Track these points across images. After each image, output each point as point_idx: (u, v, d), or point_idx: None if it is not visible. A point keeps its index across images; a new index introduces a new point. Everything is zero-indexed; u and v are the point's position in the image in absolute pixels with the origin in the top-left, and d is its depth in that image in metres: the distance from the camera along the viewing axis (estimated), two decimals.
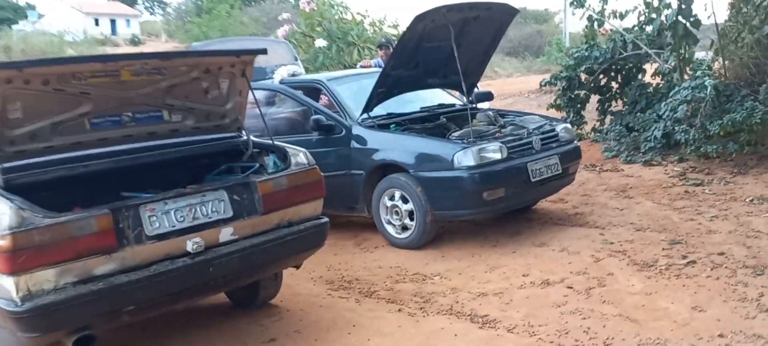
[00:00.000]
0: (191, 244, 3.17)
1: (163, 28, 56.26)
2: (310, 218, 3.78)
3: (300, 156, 3.81)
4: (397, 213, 5.62)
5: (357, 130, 5.83)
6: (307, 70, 12.33)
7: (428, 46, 5.69)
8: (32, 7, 59.90)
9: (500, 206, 5.51)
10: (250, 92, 3.96)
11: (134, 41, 48.48)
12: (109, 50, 37.56)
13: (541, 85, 10.70)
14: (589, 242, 5.35)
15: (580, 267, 4.81)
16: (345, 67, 11.20)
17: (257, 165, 3.91)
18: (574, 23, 17.46)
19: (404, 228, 5.62)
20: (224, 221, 3.34)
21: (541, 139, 5.73)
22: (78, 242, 2.83)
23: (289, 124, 6.27)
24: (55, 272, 2.78)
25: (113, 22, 61.68)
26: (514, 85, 21.28)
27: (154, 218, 3.11)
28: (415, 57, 5.85)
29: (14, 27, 46.19)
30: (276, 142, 3.93)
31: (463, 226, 6.07)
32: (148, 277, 3.00)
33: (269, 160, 3.93)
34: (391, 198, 5.63)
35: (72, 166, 3.32)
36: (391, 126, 5.89)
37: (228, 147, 3.99)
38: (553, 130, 5.99)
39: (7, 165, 3.12)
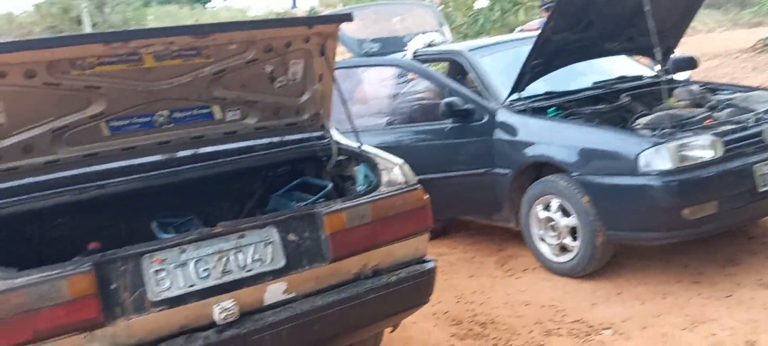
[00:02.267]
0: (219, 311, 2.14)
1: None
2: (408, 262, 2.58)
3: (394, 171, 2.60)
4: (553, 229, 4.20)
5: (503, 115, 4.45)
6: (465, 37, 11.04)
7: None
8: None
9: (708, 228, 3.81)
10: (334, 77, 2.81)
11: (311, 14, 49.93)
12: None
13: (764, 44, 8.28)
14: None
15: None
16: (510, 32, 9.66)
17: (329, 186, 2.76)
18: None
19: (563, 249, 4.18)
20: (273, 274, 2.26)
21: None
22: (40, 316, 1.92)
23: (418, 109, 5.06)
24: None
25: None
26: (716, 44, 17.81)
27: (164, 273, 2.12)
28: (587, 14, 4.29)
29: (207, 5, 49.95)
30: (365, 149, 2.75)
31: (649, 248, 4.45)
32: None
33: (359, 172, 2.77)
34: (546, 208, 4.21)
35: (81, 189, 2.44)
36: (550, 110, 4.42)
37: (304, 154, 2.89)
38: None
39: None
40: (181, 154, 2.69)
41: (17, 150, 2.36)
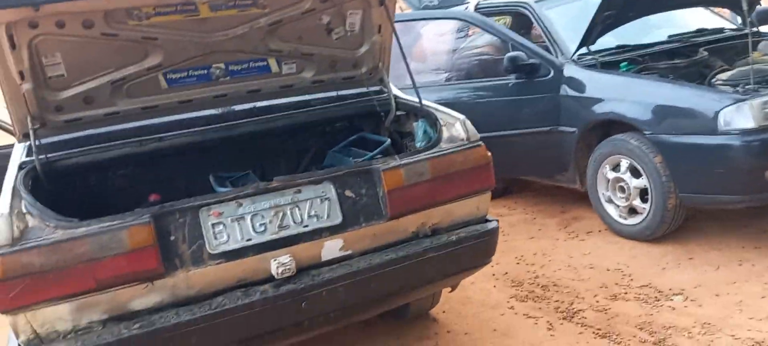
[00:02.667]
0: (276, 265, 2.11)
1: None
2: (468, 221, 2.48)
3: (456, 127, 2.48)
4: (622, 190, 4.00)
5: (570, 70, 4.24)
6: None
7: None
8: None
9: None
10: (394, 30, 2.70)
11: None
12: None
13: None
14: None
15: None
16: None
17: (387, 142, 2.67)
18: None
19: (632, 211, 3.99)
20: (329, 231, 2.21)
21: None
22: (102, 265, 1.93)
23: (479, 65, 4.87)
24: (70, 308, 1.92)
25: None
26: None
27: (221, 226, 2.10)
28: None
29: None
30: (425, 104, 2.64)
31: (724, 212, 4.19)
32: (211, 315, 2.01)
33: (418, 128, 2.67)
34: (615, 168, 4.01)
35: (141, 141, 2.44)
36: (622, 65, 4.17)
37: (362, 109, 2.80)
38: None
39: (50, 139, 2.33)
40: (238, 108, 2.65)
41: (78, 101, 2.37)
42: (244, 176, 2.65)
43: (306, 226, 2.18)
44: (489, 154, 2.48)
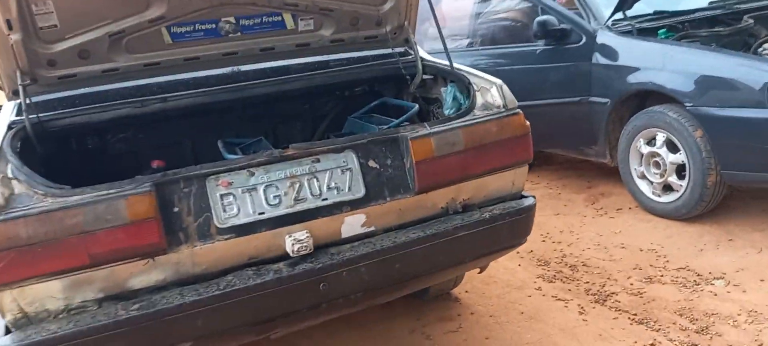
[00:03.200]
0: (291, 242, 1.89)
1: None
2: (502, 197, 2.25)
3: (491, 92, 2.23)
4: (657, 165, 3.75)
5: (604, 37, 3.96)
6: None
7: None
8: None
9: None
10: None
11: None
12: None
13: None
14: None
15: None
16: None
17: (415, 107, 2.42)
18: None
19: (667, 188, 3.74)
20: (350, 205, 1.98)
21: None
22: (97, 238, 1.72)
23: (505, 29, 4.59)
24: (61, 285, 1.72)
25: None
26: None
27: (231, 198, 1.87)
28: None
29: None
30: (457, 67, 2.39)
31: (765, 191, 3.93)
32: (219, 296, 1.80)
33: (447, 94, 2.42)
34: (650, 142, 3.75)
35: (142, 102, 2.20)
36: (660, 32, 3.89)
37: (385, 71, 2.55)
38: None
39: (42, 97, 2.11)
40: (249, 67, 2.40)
41: (73, 55, 2.13)
42: (255, 142, 2.42)
43: (325, 199, 1.96)
44: (527, 123, 2.24)
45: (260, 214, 1.88)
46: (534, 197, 2.30)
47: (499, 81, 2.25)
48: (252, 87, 2.38)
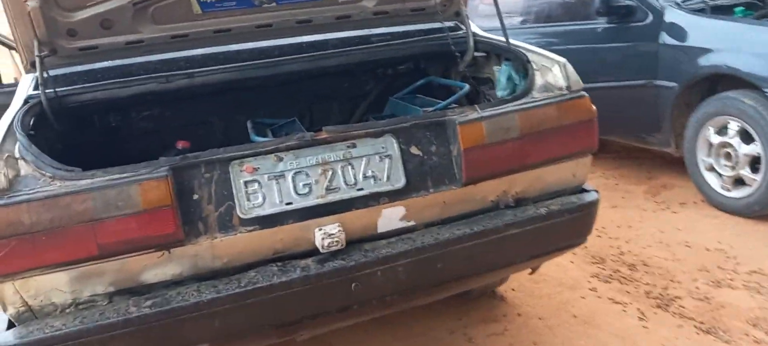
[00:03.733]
0: (322, 236, 1.69)
1: None
2: (561, 191, 1.99)
3: (553, 72, 1.97)
4: (728, 157, 3.41)
5: (673, 15, 3.61)
6: None
7: None
8: None
9: None
10: None
11: None
12: None
13: None
14: None
15: None
16: None
17: (466, 87, 2.18)
18: None
19: (738, 182, 3.40)
20: (389, 196, 1.77)
21: None
22: (107, 227, 1.55)
23: (563, 6, 4.27)
24: (68, 277, 1.56)
25: None
26: None
27: (256, 185, 1.68)
28: None
29: None
30: (514, 44, 2.13)
31: None
32: (240, 295, 1.62)
33: (501, 73, 2.17)
34: (721, 131, 3.42)
35: (168, 77, 2.03)
36: (737, 10, 3.52)
37: (433, 47, 2.31)
38: None
39: (61, 71, 1.95)
40: (285, 41, 2.20)
41: (95, 25, 1.97)
42: (288, 123, 2.22)
43: (360, 189, 1.75)
44: (594, 108, 1.97)
45: (288, 204, 1.69)
46: (597, 191, 2.04)
47: (562, 59, 1.99)
48: (286, 63, 2.17)
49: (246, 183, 1.67)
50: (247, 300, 1.63)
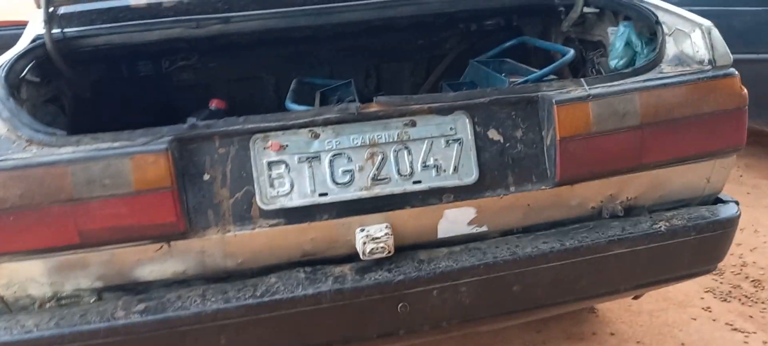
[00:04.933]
0: (363, 238, 1.30)
1: None
2: (687, 200, 1.50)
3: (693, 39, 1.45)
4: None
5: None
6: None
7: None
8: None
9: None
10: None
11: None
12: None
13: None
14: None
15: None
16: None
17: (570, 53, 1.67)
18: None
19: None
20: (455, 193, 1.35)
21: None
22: (91, 209, 1.23)
23: None
24: (45, 266, 1.26)
25: None
26: None
27: (284, 168, 1.30)
28: None
29: None
30: None
31: None
32: (253, 307, 1.27)
33: (617, 37, 1.66)
34: None
35: (199, 21, 1.67)
36: None
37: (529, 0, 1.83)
38: None
39: (74, 8, 1.63)
40: None
41: None
42: (343, 86, 1.82)
43: (417, 181, 1.33)
44: (745, 92, 1.44)
45: (322, 195, 1.30)
46: (737, 202, 1.53)
47: (707, 22, 1.46)
48: (345, 11, 1.76)
49: (270, 164, 1.30)
50: (263, 314, 1.28)
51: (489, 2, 1.82)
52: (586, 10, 1.76)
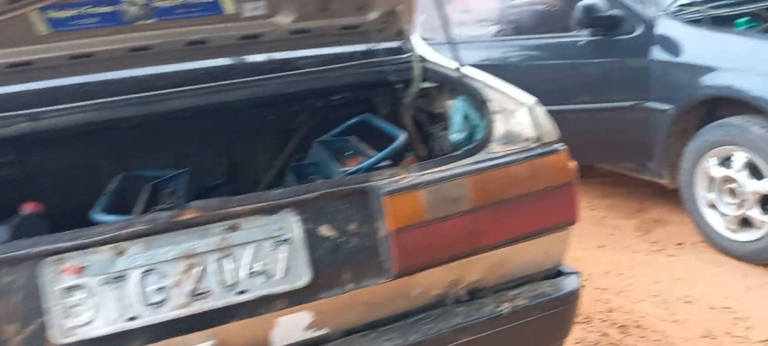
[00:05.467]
0: None
1: None
2: (530, 276, 1.48)
3: (517, 117, 1.45)
4: (732, 193, 2.92)
5: (666, 26, 3.12)
6: None
7: None
8: None
9: None
10: None
11: None
12: None
13: None
14: None
15: None
16: None
17: (401, 138, 1.65)
18: None
19: (745, 223, 2.92)
20: (288, 298, 1.24)
21: None
22: None
23: (540, 16, 3.77)
24: None
25: None
26: None
27: (83, 293, 1.15)
28: None
29: None
30: (466, 73, 1.60)
31: None
32: None
33: (455, 111, 1.65)
34: (724, 163, 2.94)
35: (4, 120, 1.48)
36: (740, 21, 3.03)
37: (369, 77, 1.78)
38: None
39: None
40: (170, 68, 1.67)
41: None
42: (177, 176, 1.68)
43: (243, 291, 1.22)
44: (573, 165, 1.46)
45: (131, 319, 1.16)
46: (578, 273, 1.53)
47: (531, 99, 1.47)
48: (174, 98, 1.64)
49: (66, 291, 1.14)
50: None
51: (328, 80, 1.77)
52: (425, 85, 1.75)
